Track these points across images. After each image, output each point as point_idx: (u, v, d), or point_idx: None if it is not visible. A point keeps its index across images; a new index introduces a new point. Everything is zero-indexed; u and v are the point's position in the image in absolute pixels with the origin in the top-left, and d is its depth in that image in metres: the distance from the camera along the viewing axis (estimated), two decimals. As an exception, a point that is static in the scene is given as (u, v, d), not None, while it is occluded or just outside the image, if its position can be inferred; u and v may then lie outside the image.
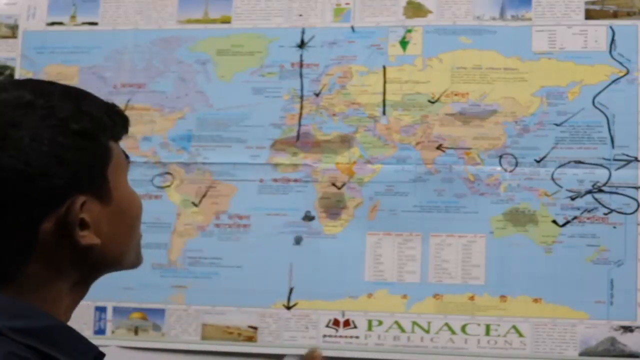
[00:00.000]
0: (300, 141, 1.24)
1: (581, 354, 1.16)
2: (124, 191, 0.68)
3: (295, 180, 1.23)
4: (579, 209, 1.18)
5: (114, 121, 0.67)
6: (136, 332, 1.25)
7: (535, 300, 1.17)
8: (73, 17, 1.33)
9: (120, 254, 0.68)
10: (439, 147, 1.22)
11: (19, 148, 0.58)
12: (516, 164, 1.20)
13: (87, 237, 0.62)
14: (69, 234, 0.61)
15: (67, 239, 0.61)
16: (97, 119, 0.64)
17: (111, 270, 0.69)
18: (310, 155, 1.24)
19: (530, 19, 1.22)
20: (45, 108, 0.60)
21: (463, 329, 1.19)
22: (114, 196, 0.66)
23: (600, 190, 1.18)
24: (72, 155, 0.61)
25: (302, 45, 1.26)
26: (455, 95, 1.22)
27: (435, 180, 1.21)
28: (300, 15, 1.27)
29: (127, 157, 0.70)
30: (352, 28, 1.25)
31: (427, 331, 1.19)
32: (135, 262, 0.71)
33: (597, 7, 1.21)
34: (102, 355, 0.64)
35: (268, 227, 1.24)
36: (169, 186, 1.27)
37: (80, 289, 0.67)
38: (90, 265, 0.65)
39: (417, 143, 1.22)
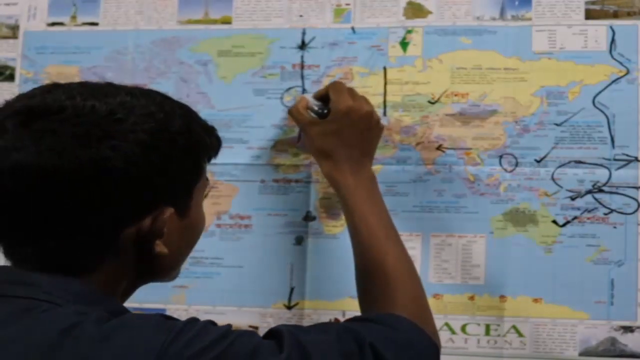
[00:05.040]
0: (301, 142, 1.24)
1: (581, 354, 1.16)
2: (198, 210, 0.73)
3: (296, 181, 1.24)
4: (579, 209, 1.18)
5: (212, 143, 0.73)
6: (138, 332, 1.26)
7: (535, 300, 1.18)
8: (73, 17, 1.33)
9: (175, 266, 0.74)
10: (439, 148, 1.22)
11: (133, 153, 0.61)
12: (516, 164, 1.20)
13: (159, 246, 0.66)
14: (147, 241, 0.65)
15: (142, 244, 0.65)
16: (200, 138, 0.70)
17: (157, 280, 0.74)
18: (311, 156, 1.24)
19: (530, 19, 1.22)
20: (162, 121, 0.65)
21: (463, 328, 1.19)
22: (190, 213, 0.70)
23: (601, 190, 1.18)
24: (174, 168, 0.65)
25: (302, 46, 1.26)
26: (455, 95, 1.22)
27: (435, 181, 1.22)
28: (301, 15, 1.27)
29: (207, 179, 0.75)
30: (353, 29, 1.26)
31: (428, 331, 1.19)
32: (175, 277, 0.78)
33: (597, 7, 1.22)
34: None
35: (269, 227, 1.24)
36: (170, 186, 1.27)
37: (130, 291, 0.71)
38: (148, 271, 0.69)
39: (417, 143, 1.22)
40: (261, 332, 1.23)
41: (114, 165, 0.60)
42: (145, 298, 1.23)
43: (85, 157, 0.59)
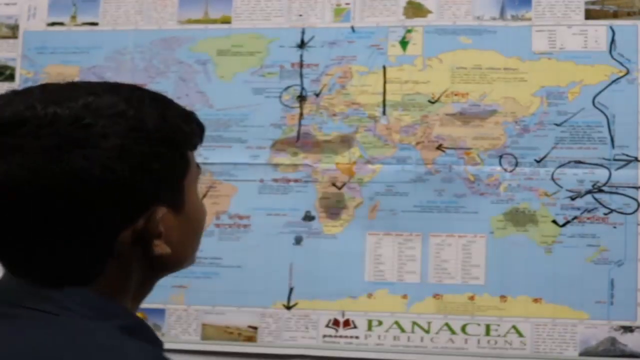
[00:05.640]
0: (301, 141, 1.24)
1: (581, 354, 1.16)
2: (194, 201, 0.70)
3: (296, 181, 1.24)
4: (579, 209, 1.18)
5: (193, 130, 0.67)
6: (136, 332, 1.25)
7: (535, 300, 1.18)
8: (73, 17, 1.33)
9: (184, 259, 0.70)
10: (439, 147, 1.22)
11: (109, 159, 0.58)
12: (516, 164, 1.20)
13: (159, 247, 0.64)
14: (144, 243, 0.63)
15: (141, 247, 0.63)
16: (179, 128, 0.65)
17: (170, 272, 0.71)
18: (310, 155, 1.24)
19: (530, 19, 1.22)
20: (134, 118, 0.61)
21: (463, 329, 1.19)
22: (185, 206, 0.67)
23: (600, 190, 1.18)
24: (156, 166, 0.61)
25: (302, 45, 1.26)
26: (455, 95, 1.22)
27: (435, 180, 1.21)
28: (300, 15, 1.27)
29: (198, 166, 0.71)
30: (352, 28, 1.25)
31: (427, 331, 1.19)
32: (191, 263, 0.74)
33: (597, 7, 1.21)
34: (162, 344, 0.69)
35: (268, 227, 1.24)
36: (169, 186, 1.27)
37: (144, 289, 0.69)
38: (156, 269, 0.67)
39: (417, 143, 1.22)
40: (260, 332, 1.24)
41: (90, 174, 0.58)
42: (144, 298, 1.23)
43: (58, 170, 0.57)
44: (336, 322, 1.21)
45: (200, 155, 1.25)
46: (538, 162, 1.20)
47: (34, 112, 0.58)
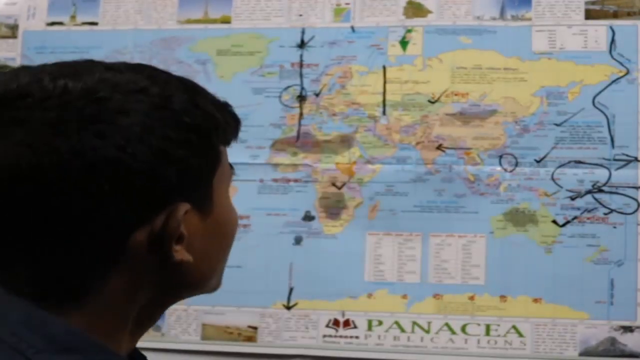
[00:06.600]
0: (300, 141, 1.24)
1: (581, 354, 1.16)
2: (224, 204, 0.60)
3: (295, 180, 1.24)
4: (579, 209, 1.18)
5: (227, 122, 0.58)
6: (136, 332, 1.25)
7: (535, 300, 1.18)
8: (73, 17, 1.33)
9: (207, 276, 0.60)
10: (439, 147, 1.22)
11: (126, 138, 0.49)
12: (516, 164, 1.20)
13: (180, 253, 0.53)
14: (161, 246, 0.53)
15: (156, 252, 0.53)
16: (211, 116, 0.56)
17: (189, 294, 0.61)
18: (310, 155, 1.24)
19: (530, 19, 1.22)
20: (159, 97, 0.52)
21: (463, 329, 1.19)
22: (214, 209, 0.57)
23: (600, 190, 1.18)
24: (182, 153, 0.52)
25: (302, 45, 1.26)
26: (455, 95, 1.22)
27: (435, 180, 1.21)
28: (300, 15, 1.27)
29: (231, 167, 0.61)
30: (352, 28, 1.25)
31: (427, 331, 1.19)
32: (216, 287, 0.63)
33: (597, 7, 1.21)
34: None
35: (268, 227, 1.24)
36: (169, 186, 1.27)
37: (152, 314, 0.59)
38: (172, 285, 0.57)
39: (417, 143, 1.22)
40: (260, 332, 1.24)
41: (104, 155, 0.48)
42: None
43: (66, 148, 0.48)
44: (336, 322, 1.21)
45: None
46: (538, 162, 1.20)
47: (40, 84, 0.50)
